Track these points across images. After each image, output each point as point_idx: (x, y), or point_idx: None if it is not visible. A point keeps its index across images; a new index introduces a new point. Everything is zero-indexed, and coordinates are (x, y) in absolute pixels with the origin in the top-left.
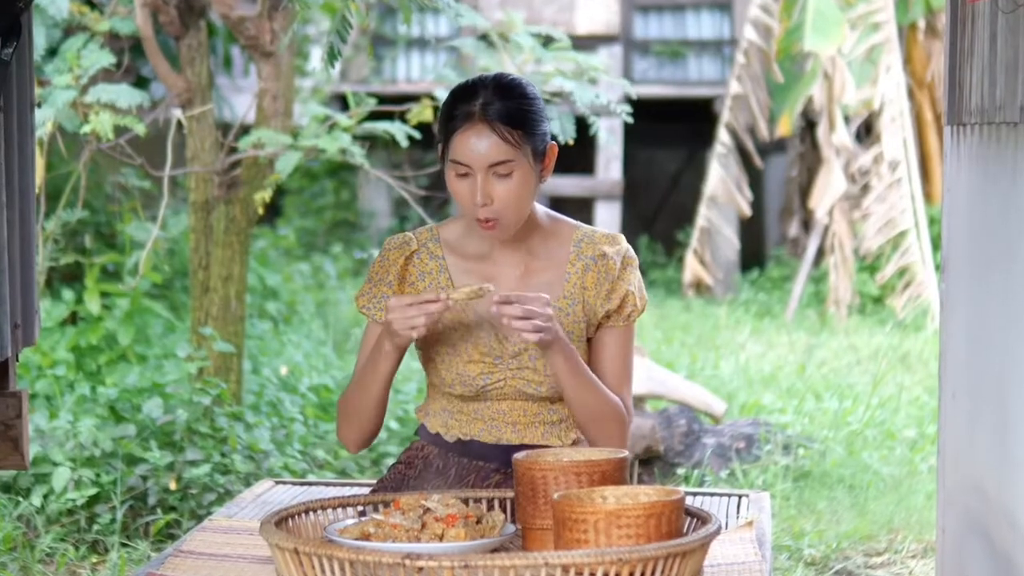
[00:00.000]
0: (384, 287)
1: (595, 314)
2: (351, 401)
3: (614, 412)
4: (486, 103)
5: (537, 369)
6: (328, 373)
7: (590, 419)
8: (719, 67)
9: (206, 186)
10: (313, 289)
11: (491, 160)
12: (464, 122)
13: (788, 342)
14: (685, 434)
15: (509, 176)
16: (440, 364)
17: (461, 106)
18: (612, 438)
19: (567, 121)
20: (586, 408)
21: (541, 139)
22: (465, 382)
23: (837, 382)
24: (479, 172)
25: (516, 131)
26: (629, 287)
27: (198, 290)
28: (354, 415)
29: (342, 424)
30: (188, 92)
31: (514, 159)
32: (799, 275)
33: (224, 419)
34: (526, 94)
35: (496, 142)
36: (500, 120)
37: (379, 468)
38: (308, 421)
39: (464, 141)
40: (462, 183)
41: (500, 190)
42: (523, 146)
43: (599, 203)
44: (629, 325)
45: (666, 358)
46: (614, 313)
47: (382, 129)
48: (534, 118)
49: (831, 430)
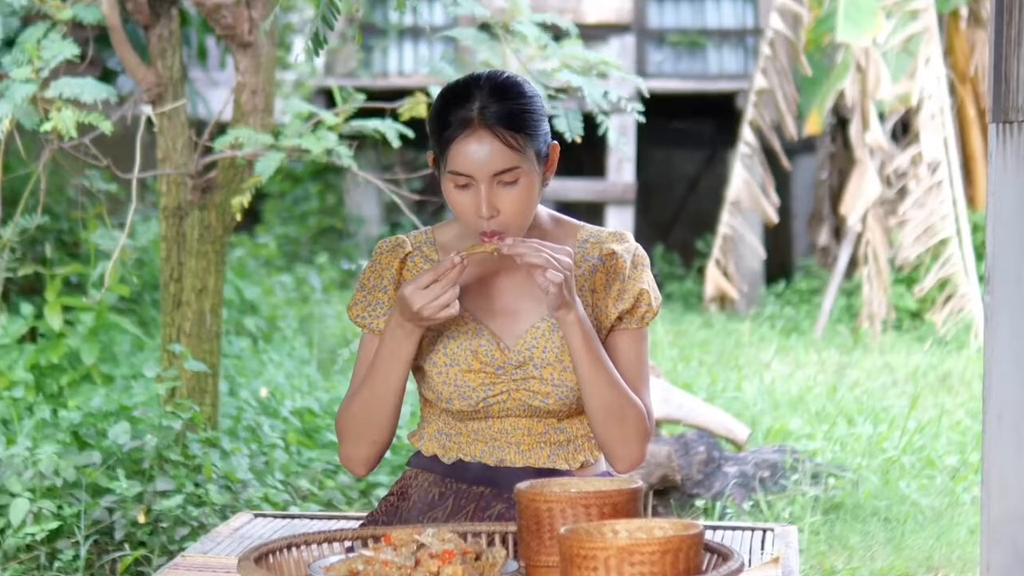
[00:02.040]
0: (379, 293)
1: (607, 317)
2: (358, 413)
3: (634, 411)
4: (484, 106)
5: (544, 378)
6: (312, 395)
7: (606, 415)
8: (742, 59)
9: (178, 190)
10: (296, 303)
11: (495, 168)
12: (462, 129)
13: (817, 361)
14: (704, 462)
15: (515, 183)
16: (436, 376)
17: (456, 111)
18: (629, 442)
19: (574, 119)
20: (602, 400)
21: (543, 140)
22: (464, 395)
23: (871, 405)
24: (482, 182)
25: (519, 134)
26: (642, 285)
27: (169, 304)
28: (363, 428)
29: (347, 443)
30: (159, 86)
31: (519, 165)
32: (829, 287)
33: (198, 445)
34: (524, 92)
35: (499, 148)
36: (501, 124)
37: (369, 500)
38: (290, 448)
39: (464, 150)
40: (463, 195)
41: (506, 199)
42: (527, 150)
43: (610, 208)
44: (643, 327)
45: (683, 379)
46: (627, 314)
47: (371, 127)
48: (535, 118)
49: (865, 458)
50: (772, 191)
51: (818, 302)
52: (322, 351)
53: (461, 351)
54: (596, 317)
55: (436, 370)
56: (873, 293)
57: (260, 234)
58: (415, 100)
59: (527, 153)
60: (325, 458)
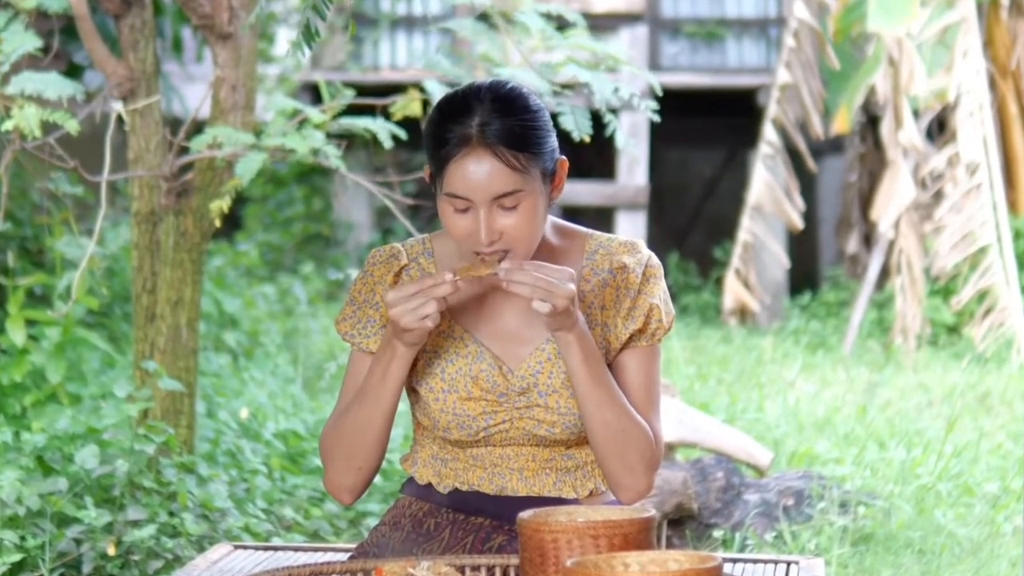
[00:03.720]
0: (370, 310)
1: (617, 338)
2: (344, 437)
3: (640, 437)
4: (484, 123)
5: (549, 407)
6: (298, 416)
7: (608, 441)
8: (764, 52)
9: (151, 193)
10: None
11: (496, 192)
12: (459, 147)
13: (846, 379)
14: (723, 489)
15: (517, 207)
16: (432, 403)
17: (454, 127)
18: (634, 471)
19: (581, 117)
20: (603, 424)
21: (550, 156)
22: (463, 424)
23: (904, 427)
24: (482, 207)
25: (522, 154)
26: (652, 300)
27: (142, 318)
28: (349, 453)
29: (332, 469)
30: (130, 81)
31: (522, 188)
32: (859, 300)
33: (173, 471)
34: (529, 106)
35: (500, 170)
36: (503, 143)
37: (358, 530)
38: (273, 474)
39: (461, 171)
40: (461, 219)
41: (508, 224)
42: (531, 170)
43: (621, 213)
44: (654, 345)
45: (700, 398)
46: (637, 333)
47: (362, 126)
48: (541, 134)
49: (897, 484)
50: (796, 195)
51: (847, 315)
52: (308, 368)
53: (460, 377)
54: (605, 337)
55: (433, 396)
56: (906, 305)
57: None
58: (409, 97)
59: (531, 173)
60: (311, 485)
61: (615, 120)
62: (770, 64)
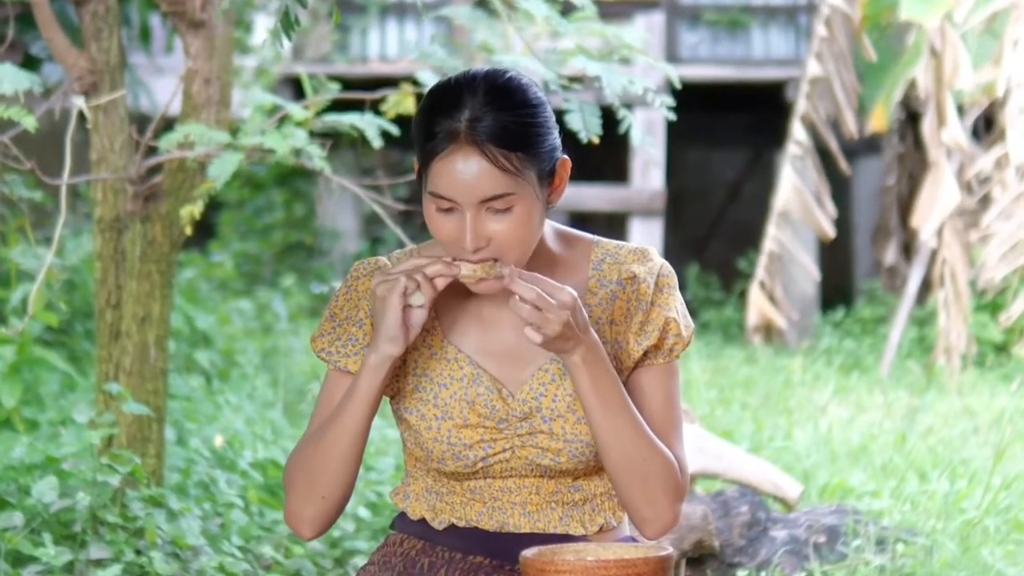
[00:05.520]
0: (352, 327)
1: (629, 356)
2: (307, 460)
3: (662, 464)
4: (475, 118)
5: (554, 433)
6: (277, 444)
7: (627, 471)
8: (792, 41)
9: (116, 198)
10: (257, 334)
11: (483, 195)
12: (447, 143)
13: (883, 404)
14: (748, 524)
15: (508, 212)
16: (425, 432)
17: (442, 120)
18: (658, 502)
19: (591, 114)
20: (621, 453)
21: (548, 156)
22: (458, 454)
23: (948, 457)
24: (468, 209)
25: (515, 154)
26: (668, 313)
27: (106, 335)
28: (311, 478)
29: (294, 496)
30: (93, 75)
31: (513, 191)
32: (898, 316)
33: (140, 505)
34: (528, 100)
35: (488, 171)
36: (493, 141)
37: (345, 570)
38: (251, 508)
39: (447, 169)
40: (446, 220)
41: (496, 229)
42: (525, 172)
43: (634, 220)
44: (672, 362)
45: (723, 425)
46: (653, 349)
47: (348, 123)
48: (539, 132)
49: (940, 520)
50: (828, 200)
51: (884, 333)
52: (288, 392)
53: (455, 402)
54: (616, 355)
55: (425, 424)
56: (950, 322)
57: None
58: (401, 92)
59: (525, 176)
60: None
61: (630, 116)
62: (799, 55)
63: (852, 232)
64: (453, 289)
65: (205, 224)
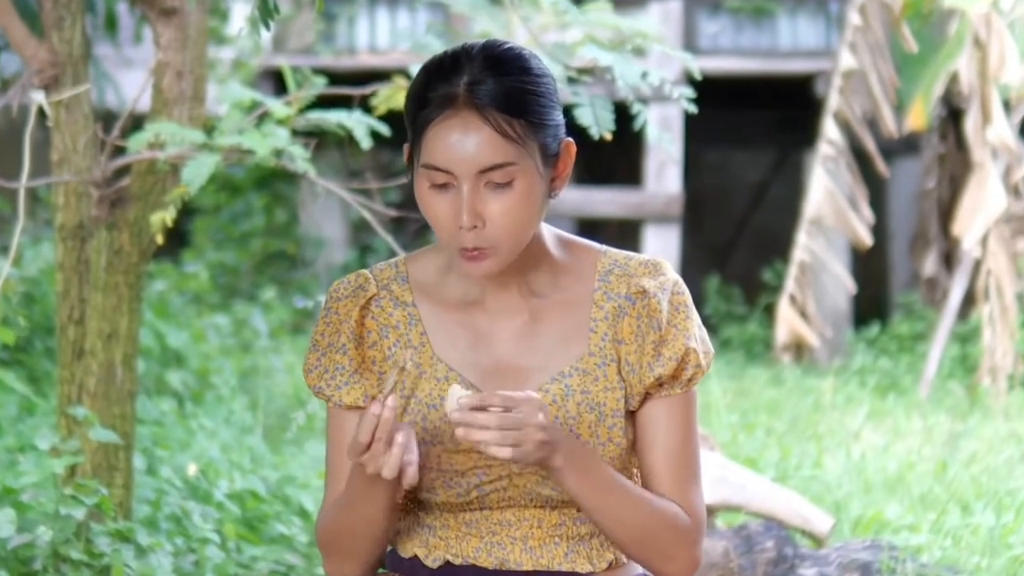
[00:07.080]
0: (337, 355)
1: (639, 380)
2: (343, 533)
3: (669, 525)
4: (474, 81)
5: None
6: (257, 473)
7: (634, 542)
8: (823, 31)
9: (80, 203)
10: (235, 352)
11: (482, 164)
12: (443, 109)
13: (922, 429)
14: (773, 562)
15: (508, 186)
16: None
17: (438, 86)
18: (675, 556)
19: (602, 109)
20: (625, 529)
21: (553, 133)
22: (449, 482)
23: (993, 487)
24: (465, 181)
25: (517, 120)
26: (689, 343)
27: (68, 354)
28: (351, 548)
29: (332, 560)
30: (54, 67)
31: (515, 161)
32: (938, 332)
33: (106, 540)
34: (530, 68)
35: (489, 136)
36: (495, 105)
37: None
38: (227, 543)
39: (443, 136)
40: (439, 198)
41: (495, 207)
42: (528, 142)
43: (649, 227)
44: (690, 391)
45: (746, 452)
46: (669, 380)
47: (335, 121)
48: (543, 102)
49: (984, 556)
50: (864, 205)
51: (923, 351)
52: (269, 415)
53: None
54: (624, 377)
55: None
56: (996, 339)
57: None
58: (393, 86)
59: (528, 146)
60: (273, 556)
61: (645, 111)
62: (830, 46)
63: (887, 240)
64: (444, 300)
65: (177, 232)
